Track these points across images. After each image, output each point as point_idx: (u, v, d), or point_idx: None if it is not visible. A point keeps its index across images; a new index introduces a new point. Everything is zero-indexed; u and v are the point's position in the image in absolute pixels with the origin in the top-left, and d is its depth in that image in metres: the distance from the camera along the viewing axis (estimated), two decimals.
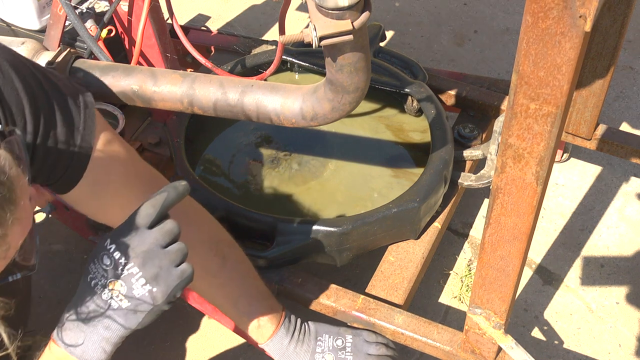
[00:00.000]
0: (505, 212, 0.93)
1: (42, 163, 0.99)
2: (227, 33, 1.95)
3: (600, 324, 1.59)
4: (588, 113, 1.62)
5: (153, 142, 1.68)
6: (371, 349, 1.28)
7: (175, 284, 0.91)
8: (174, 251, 0.92)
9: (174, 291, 0.91)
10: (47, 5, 1.66)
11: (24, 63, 0.98)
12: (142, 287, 0.90)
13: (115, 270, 0.90)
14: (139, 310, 0.91)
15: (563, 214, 1.80)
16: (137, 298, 0.90)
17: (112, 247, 0.91)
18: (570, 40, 0.69)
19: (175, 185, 0.94)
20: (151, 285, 0.90)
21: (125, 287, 0.90)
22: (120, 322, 0.91)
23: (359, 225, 1.37)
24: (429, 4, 2.48)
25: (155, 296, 0.91)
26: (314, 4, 0.99)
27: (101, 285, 0.90)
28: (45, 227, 1.69)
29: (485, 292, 1.09)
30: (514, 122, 0.80)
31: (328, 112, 1.17)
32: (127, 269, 0.90)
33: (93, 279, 0.91)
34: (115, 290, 0.90)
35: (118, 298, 0.90)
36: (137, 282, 0.90)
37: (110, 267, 0.90)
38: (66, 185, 1.04)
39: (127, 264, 0.90)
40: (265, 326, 1.24)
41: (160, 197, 0.93)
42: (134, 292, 0.90)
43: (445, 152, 1.49)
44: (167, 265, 0.91)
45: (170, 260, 0.91)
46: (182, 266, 0.92)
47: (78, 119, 1.02)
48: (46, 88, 0.99)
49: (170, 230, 0.92)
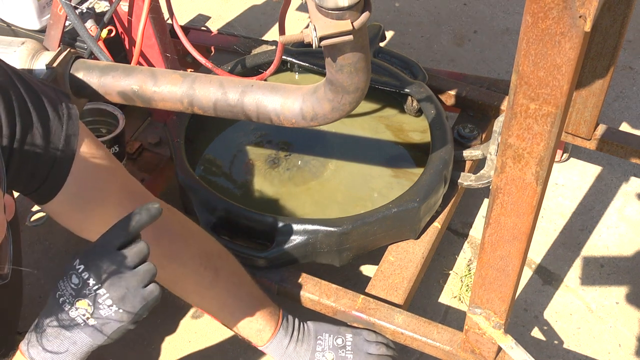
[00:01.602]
0: (505, 212, 0.93)
1: (19, 170, 0.98)
2: (227, 33, 1.95)
3: (600, 324, 1.59)
4: (588, 113, 1.62)
5: (153, 142, 1.68)
6: (371, 348, 1.28)
7: (141, 305, 0.92)
8: (141, 272, 0.92)
9: (141, 312, 0.93)
10: (47, 5, 1.66)
11: (4, 70, 0.98)
12: (109, 308, 0.91)
13: (83, 289, 0.91)
14: (105, 328, 0.92)
15: (563, 214, 1.80)
16: (103, 317, 0.91)
17: (81, 267, 0.91)
18: (570, 40, 0.69)
19: (148, 208, 0.94)
20: (118, 306, 0.91)
21: (92, 307, 0.91)
22: (86, 338, 0.92)
23: (359, 225, 1.38)
24: (429, 4, 2.48)
25: (121, 317, 0.92)
26: (314, 4, 0.99)
27: (68, 303, 0.91)
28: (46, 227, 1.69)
29: (485, 292, 1.09)
30: (513, 122, 0.80)
31: (328, 112, 1.17)
32: (95, 290, 0.90)
33: (61, 296, 0.92)
34: (82, 309, 0.91)
35: (84, 316, 0.91)
36: (104, 303, 0.91)
37: (78, 286, 0.91)
38: (46, 194, 1.04)
39: (95, 285, 0.90)
40: (264, 329, 1.24)
41: (131, 219, 0.93)
42: (101, 312, 0.91)
43: (445, 152, 1.49)
44: (135, 287, 0.92)
45: (137, 281, 0.92)
46: (149, 287, 0.93)
47: (59, 128, 1.01)
48: (25, 95, 0.98)
49: (139, 251, 0.93)
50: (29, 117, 0.98)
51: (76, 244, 1.74)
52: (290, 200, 1.50)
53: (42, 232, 1.75)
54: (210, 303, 1.24)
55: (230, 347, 1.57)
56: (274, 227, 1.38)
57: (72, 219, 1.11)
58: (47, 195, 1.04)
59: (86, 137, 1.06)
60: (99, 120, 1.60)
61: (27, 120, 0.97)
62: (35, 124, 0.98)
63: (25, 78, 1.01)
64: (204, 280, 1.20)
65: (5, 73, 0.98)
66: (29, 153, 0.98)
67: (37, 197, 1.04)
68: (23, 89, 0.98)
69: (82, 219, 1.11)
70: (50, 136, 1.00)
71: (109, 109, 1.59)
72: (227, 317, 1.24)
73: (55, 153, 1.01)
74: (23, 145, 0.97)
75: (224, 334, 1.58)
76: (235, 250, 1.32)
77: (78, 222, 1.12)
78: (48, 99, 1.01)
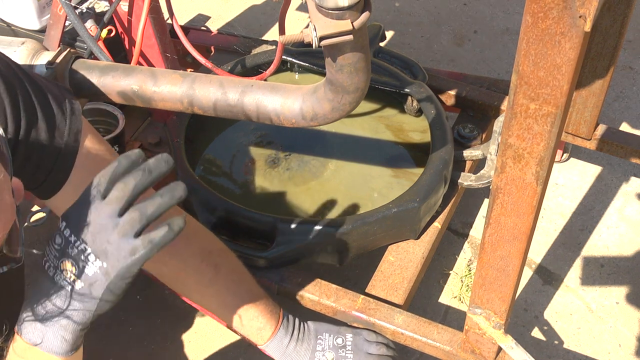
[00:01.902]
0: (505, 212, 0.93)
1: (23, 164, 0.98)
2: (227, 33, 1.95)
3: (600, 324, 1.59)
4: (588, 113, 1.62)
5: (153, 142, 1.68)
6: (371, 348, 1.28)
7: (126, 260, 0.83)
8: (122, 224, 0.83)
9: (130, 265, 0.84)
10: (47, 5, 1.66)
11: (9, 65, 0.99)
12: (93, 264, 0.83)
13: (66, 249, 0.84)
14: (94, 289, 0.85)
15: (563, 214, 1.80)
16: (90, 277, 0.84)
17: (64, 224, 0.85)
18: (570, 40, 0.69)
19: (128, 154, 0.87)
20: (101, 261, 0.83)
21: (77, 267, 0.84)
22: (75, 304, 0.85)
23: (359, 225, 1.38)
24: (429, 4, 2.48)
25: (107, 272, 0.83)
26: (314, 4, 0.99)
27: (53, 267, 0.85)
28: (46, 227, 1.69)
29: (485, 292, 1.09)
30: (514, 122, 0.80)
31: (328, 112, 1.17)
32: (77, 246, 0.84)
33: (47, 261, 0.86)
34: (66, 270, 0.84)
35: (70, 279, 0.84)
36: (87, 259, 0.84)
37: (61, 246, 0.85)
38: (50, 188, 1.04)
39: (76, 240, 0.84)
40: (264, 328, 1.24)
41: (110, 167, 0.86)
42: (86, 270, 0.84)
43: (445, 152, 1.49)
44: (117, 240, 0.83)
45: (120, 233, 0.83)
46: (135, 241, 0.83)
47: (63, 123, 1.02)
48: (30, 91, 0.99)
49: (121, 196, 0.84)
50: (34, 112, 0.99)
51: None
52: (290, 200, 1.50)
53: (42, 232, 1.75)
54: (210, 301, 1.24)
55: (230, 347, 1.57)
56: (274, 227, 1.38)
57: None
58: (51, 190, 1.04)
59: (89, 133, 1.07)
60: (99, 120, 1.60)
61: (32, 115, 0.98)
62: (39, 119, 0.99)
63: (30, 74, 1.02)
64: (204, 278, 1.21)
65: (10, 68, 0.99)
66: (33, 147, 0.98)
67: (41, 191, 1.05)
68: (28, 84, 0.99)
69: None
70: (55, 131, 1.01)
71: (109, 109, 1.59)
72: (227, 315, 1.24)
73: (59, 147, 1.02)
74: (28, 139, 0.98)
75: (224, 334, 1.58)
76: (235, 250, 1.32)
77: None
78: (52, 95, 1.02)
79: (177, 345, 1.58)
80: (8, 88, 0.95)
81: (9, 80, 0.96)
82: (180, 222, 0.86)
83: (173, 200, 0.86)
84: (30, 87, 1.00)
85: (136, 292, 1.65)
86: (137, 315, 1.62)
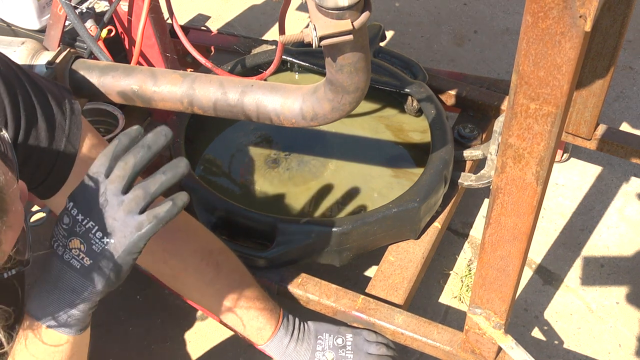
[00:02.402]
0: (505, 212, 0.93)
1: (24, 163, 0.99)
2: (227, 33, 1.96)
3: (600, 324, 1.59)
4: (588, 113, 1.62)
5: None
6: (371, 348, 1.28)
7: (133, 236, 0.86)
8: (127, 201, 0.86)
9: (135, 242, 0.87)
10: (47, 5, 1.66)
11: (9, 65, 1.00)
12: (100, 241, 0.86)
13: (74, 227, 0.87)
14: (103, 265, 0.87)
15: (563, 214, 1.80)
16: (97, 253, 0.86)
17: (71, 204, 0.88)
18: (570, 40, 0.69)
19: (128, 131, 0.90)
20: (108, 237, 0.86)
21: (85, 245, 0.86)
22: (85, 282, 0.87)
23: (359, 225, 1.37)
24: (429, 4, 2.48)
25: (115, 247, 0.86)
26: (314, 4, 0.99)
27: (62, 246, 0.88)
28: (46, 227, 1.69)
29: (485, 292, 1.09)
30: (514, 122, 0.80)
31: (328, 112, 1.17)
32: (85, 224, 0.87)
33: (56, 241, 0.88)
34: (75, 249, 0.87)
35: (79, 257, 0.87)
36: (94, 236, 0.86)
37: (69, 225, 0.87)
38: (50, 188, 1.04)
39: (84, 219, 0.86)
40: (264, 328, 1.24)
41: (110, 145, 0.89)
42: (94, 247, 0.86)
43: (445, 152, 1.49)
44: (123, 217, 0.86)
45: (125, 210, 0.86)
46: (140, 217, 0.87)
47: (62, 123, 1.03)
48: (30, 90, 1.00)
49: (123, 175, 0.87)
50: (34, 112, 0.99)
51: None
52: (290, 200, 1.50)
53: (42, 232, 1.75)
54: (211, 300, 1.24)
55: (230, 347, 1.57)
56: (274, 227, 1.38)
57: None
58: (51, 189, 1.05)
59: (89, 132, 1.08)
60: (99, 120, 1.60)
61: (32, 115, 0.99)
62: (39, 119, 1.00)
63: (29, 74, 1.03)
64: (204, 277, 1.20)
65: (10, 68, 0.99)
66: (33, 146, 0.99)
67: (41, 190, 1.05)
68: (27, 84, 1.00)
69: None
70: (55, 130, 1.01)
71: (109, 109, 1.59)
72: (227, 315, 1.24)
73: (59, 147, 1.02)
74: (28, 139, 0.98)
75: (224, 334, 1.58)
76: (235, 250, 1.32)
77: None
78: (52, 95, 1.03)
79: (177, 345, 1.58)
80: (8, 88, 0.96)
81: (8, 80, 0.97)
82: (184, 197, 0.89)
83: (176, 177, 0.89)
84: (30, 87, 1.00)
85: (136, 292, 1.65)
86: (137, 315, 1.62)
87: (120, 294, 1.65)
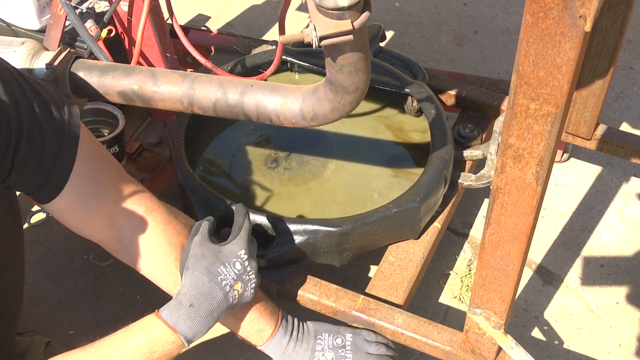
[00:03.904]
0: (505, 212, 0.93)
1: (23, 168, 1.00)
2: (227, 33, 1.95)
3: (600, 324, 1.59)
4: (588, 113, 1.62)
5: (153, 142, 1.68)
6: (371, 348, 1.28)
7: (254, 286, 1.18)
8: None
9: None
10: (47, 5, 1.66)
11: (9, 70, 1.00)
12: (252, 291, 1.16)
13: (243, 275, 1.14)
14: (235, 305, 1.15)
15: (563, 214, 1.80)
16: (245, 297, 1.15)
17: (245, 256, 1.15)
18: (570, 40, 0.69)
19: (240, 209, 1.22)
20: (254, 290, 1.17)
21: (242, 289, 1.14)
22: (224, 314, 1.14)
23: (359, 225, 1.37)
24: (429, 4, 2.48)
25: (249, 298, 1.17)
26: (314, 4, 0.99)
27: (229, 286, 1.12)
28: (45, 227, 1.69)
29: (485, 292, 1.09)
30: (514, 122, 0.80)
31: (328, 112, 1.17)
32: (249, 275, 1.15)
33: (224, 280, 1.11)
34: (236, 290, 1.13)
35: (235, 297, 1.13)
36: (250, 286, 1.16)
37: (240, 272, 1.13)
38: (49, 192, 1.06)
39: (250, 272, 1.15)
40: (264, 329, 1.24)
41: (246, 224, 1.20)
42: (245, 293, 1.15)
43: (445, 152, 1.49)
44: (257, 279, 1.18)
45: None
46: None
47: (61, 127, 1.04)
48: (30, 95, 1.01)
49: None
50: (33, 116, 1.00)
51: (76, 245, 1.74)
52: (290, 200, 1.50)
53: (42, 232, 1.75)
54: None
55: (230, 347, 1.57)
56: (274, 227, 1.38)
57: (74, 216, 1.13)
58: (50, 193, 1.06)
59: (87, 136, 1.09)
60: (99, 120, 1.60)
61: (32, 119, 0.99)
62: (39, 122, 1.00)
63: (28, 79, 1.04)
64: None
65: (10, 72, 1.00)
66: (32, 151, 1.00)
67: (40, 195, 1.06)
68: (27, 89, 1.01)
69: (83, 215, 1.13)
70: (53, 135, 1.02)
71: (108, 109, 1.59)
72: (227, 317, 1.24)
73: (58, 152, 1.03)
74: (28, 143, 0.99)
75: (223, 334, 1.58)
76: None
77: (80, 219, 1.13)
78: (51, 99, 1.04)
79: None
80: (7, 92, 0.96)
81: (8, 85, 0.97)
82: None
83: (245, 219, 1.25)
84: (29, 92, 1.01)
85: (136, 292, 1.65)
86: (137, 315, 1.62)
87: (120, 294, 1.65)
